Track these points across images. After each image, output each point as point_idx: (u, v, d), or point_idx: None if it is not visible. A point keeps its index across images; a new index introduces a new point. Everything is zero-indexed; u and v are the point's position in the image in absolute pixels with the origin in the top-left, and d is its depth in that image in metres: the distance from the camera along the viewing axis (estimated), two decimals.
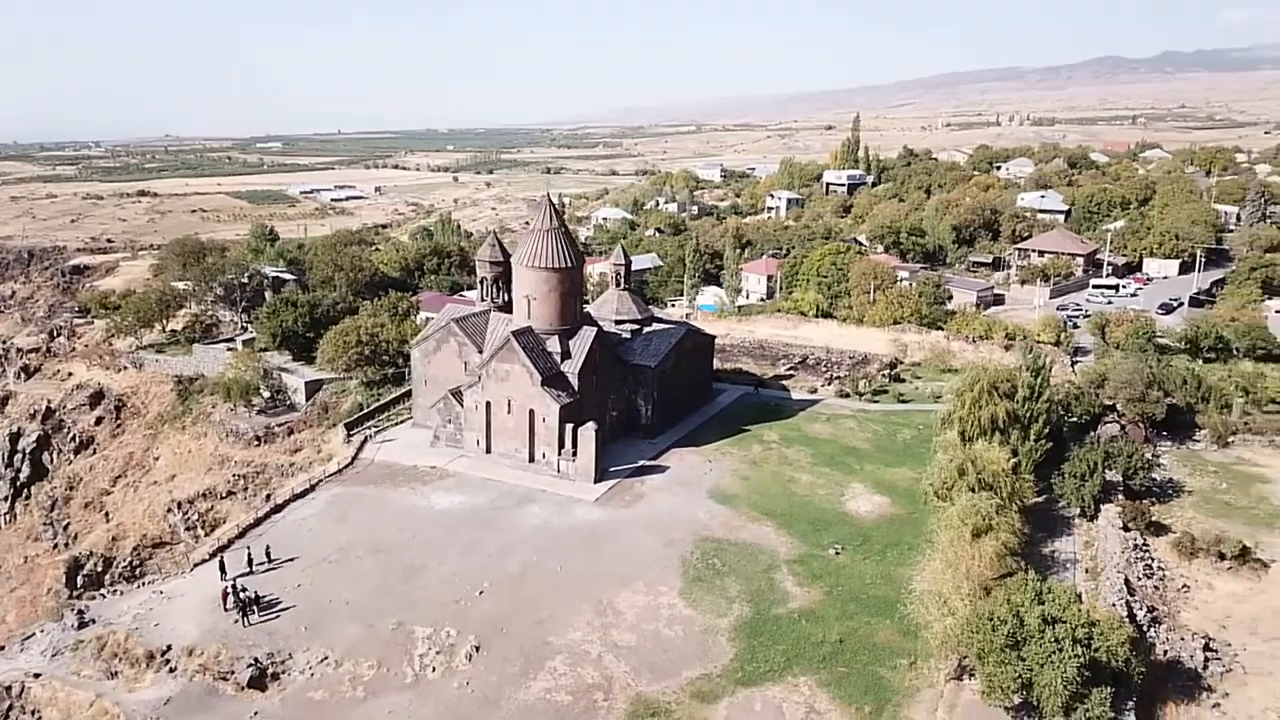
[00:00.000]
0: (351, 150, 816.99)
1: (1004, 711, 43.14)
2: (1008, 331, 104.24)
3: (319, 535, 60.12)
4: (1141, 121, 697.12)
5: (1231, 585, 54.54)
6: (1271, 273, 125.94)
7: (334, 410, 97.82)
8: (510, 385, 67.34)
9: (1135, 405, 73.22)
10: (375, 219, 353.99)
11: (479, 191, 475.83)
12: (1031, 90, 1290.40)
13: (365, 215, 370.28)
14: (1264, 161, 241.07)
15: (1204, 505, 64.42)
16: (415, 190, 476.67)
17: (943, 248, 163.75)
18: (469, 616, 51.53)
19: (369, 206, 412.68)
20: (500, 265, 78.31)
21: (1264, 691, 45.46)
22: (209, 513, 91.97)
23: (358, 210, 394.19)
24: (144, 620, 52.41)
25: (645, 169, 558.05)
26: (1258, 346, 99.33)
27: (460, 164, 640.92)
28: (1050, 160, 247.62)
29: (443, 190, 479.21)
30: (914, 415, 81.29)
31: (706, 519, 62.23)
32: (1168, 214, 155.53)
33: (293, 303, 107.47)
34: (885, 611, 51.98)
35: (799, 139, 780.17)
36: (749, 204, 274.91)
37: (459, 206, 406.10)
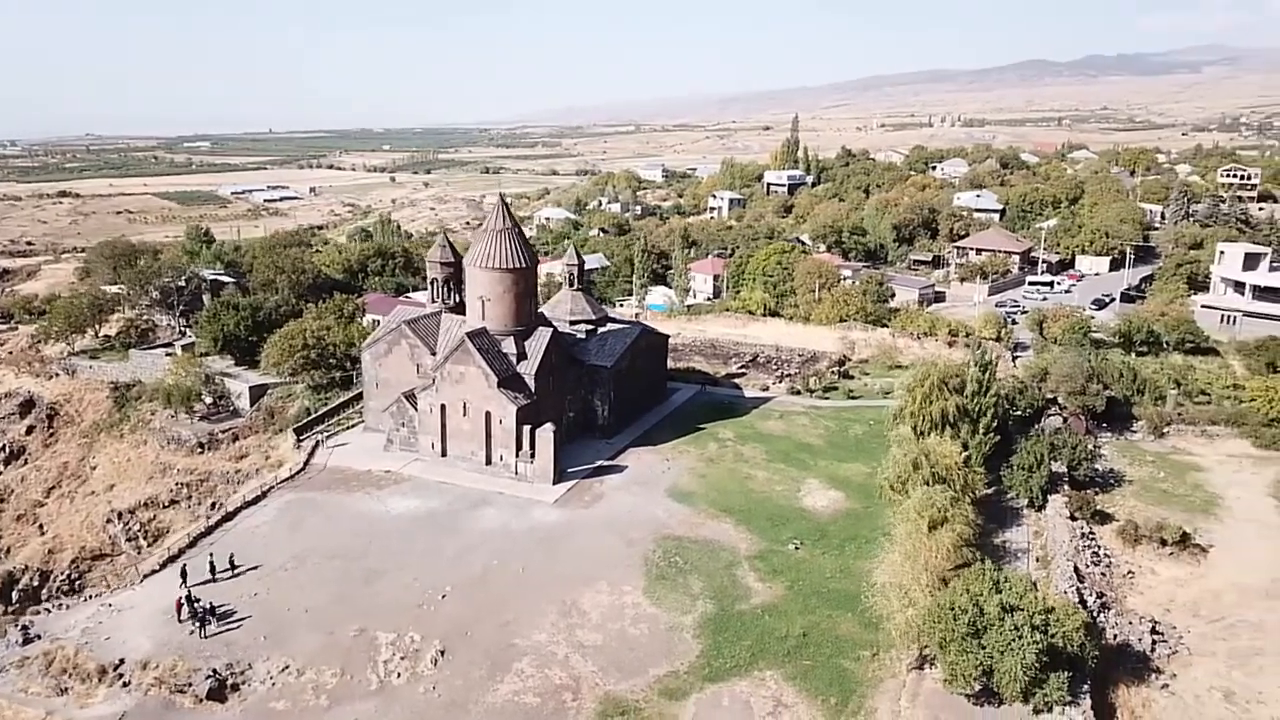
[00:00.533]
0: (284, 150, 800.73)
1: (964, 699, 44.22)
2: (951, 328, 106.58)
3: (273, 543, 58.92)
4: (1067, 123, 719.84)
5: (1173, 570, 56.75)
6: (1195, 269, 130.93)
7: (280, 415, 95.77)
8: (466, 387, 66.81)
9: (1076, 398, 75.63)
10: (311, 220, 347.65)
11: (417, 192, 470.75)
12: (962, 92, 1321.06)
13: (300, 216, 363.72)
14: (1184, 162, 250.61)
15: (1144, 494, 66.86)
16: (351, 191, 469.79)
17: (883, 246, 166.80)
18: (432, 621, 51.05)
19: (304, 207, 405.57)
20: (451, 266, 77.60)
21: (1208, 671, 47.43)
22: (151, 523, 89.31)
23: (292, 211, 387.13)
24: (93, 634, 50.81)
25: (586, 169, 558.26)
26: (1186, 340, 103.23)
27: (397, 164, 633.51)
28: (983, 160, 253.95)
29: (380, 190, 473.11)
30: (864, 411, 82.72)
31: (666, 517, 62.57)
32: (1097, 213, 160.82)
33: (234, 306, 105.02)
34: (846, 604, 52.87)
35: (737, 139, 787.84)
36: (691, 204, 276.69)
37: (397, 207, 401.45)
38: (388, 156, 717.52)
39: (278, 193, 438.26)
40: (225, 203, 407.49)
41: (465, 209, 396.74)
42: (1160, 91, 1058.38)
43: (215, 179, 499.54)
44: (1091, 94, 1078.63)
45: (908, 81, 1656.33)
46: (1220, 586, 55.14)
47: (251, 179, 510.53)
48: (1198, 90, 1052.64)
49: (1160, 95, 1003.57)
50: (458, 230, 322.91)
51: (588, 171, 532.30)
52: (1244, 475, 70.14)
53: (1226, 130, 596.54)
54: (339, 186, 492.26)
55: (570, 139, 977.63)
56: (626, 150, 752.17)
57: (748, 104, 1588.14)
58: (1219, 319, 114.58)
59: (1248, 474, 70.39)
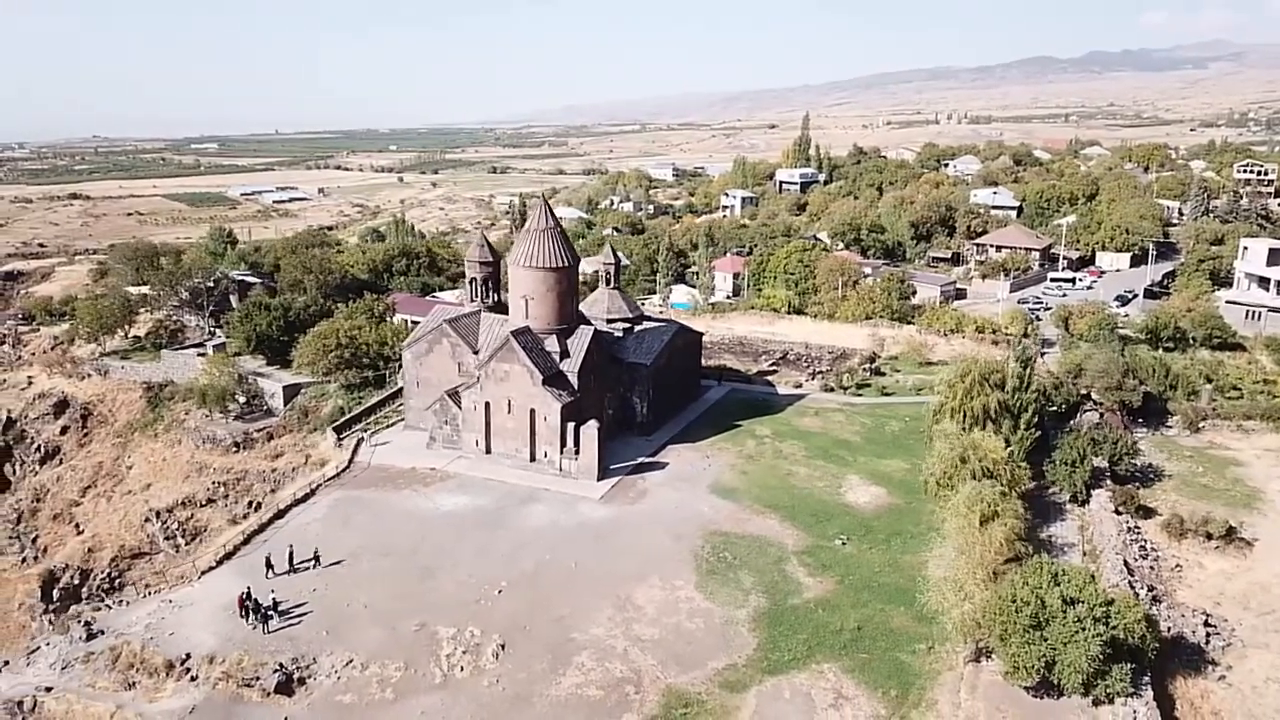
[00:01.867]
0: (291, 151, 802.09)
1: (1024, 691, 44.74)
2: (977, 325, 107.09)
3: (326, 540, 59.49)
4: (1074, 120, 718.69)
5: (1220, 564, 57.21)
6: (1217, 265, 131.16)
7: (314, 414, 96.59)
8: (510, 385, 67.45)
9: (1112, 394, 76.07)
10: (320, 220, 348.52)
11: (425, 192, 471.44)
12: (965, 90, 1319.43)
13: (310, 217, 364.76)
14: (1197, 158, 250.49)
15: (1184, 488, 67.32)
16: (359, 191, 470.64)
17: (901, 244, 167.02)
18: (490, 616, 51.69)
19: (313, 208, 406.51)
20: (490, 266, 78.33)
21: (1263, 663, 47.91)
22: (189, 521, 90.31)
23: (301, 212, 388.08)
24: (157, 630, 51.54)
25: (593, 168, 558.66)
26: (1213, 336, 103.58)
27: (404, 164, 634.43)
28: (996, 158, 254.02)
29: (388, 191, 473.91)
30: (898, 408, 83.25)
31: (711, 513, 63.16)
32: (1114, 209, 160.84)
33: (266, 306, 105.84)
34: (898, 599, 53.42)
35: (743, 137, 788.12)
36: (704, 203, 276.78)
37: (406, 207, 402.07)
38: (395, 157, 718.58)
39: (286, 194, 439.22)
40: (235, 204, 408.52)
41: (475, 209, 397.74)
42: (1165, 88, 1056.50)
43: (224, 180, 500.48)
44: (1096, 90, 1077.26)
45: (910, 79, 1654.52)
46: (1268, 579, 55.62)
47: (260, 180, 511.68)
48: (1203, 86, 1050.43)
49: (1165, 91, 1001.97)
50: (469, 230, 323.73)
51: (595, 171, 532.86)
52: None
53: (1235, 126, 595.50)
54: (347, 187, 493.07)
55: (576, 138, 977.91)
56: (633, 149, 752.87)
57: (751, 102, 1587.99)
58: (1244, 314, 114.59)
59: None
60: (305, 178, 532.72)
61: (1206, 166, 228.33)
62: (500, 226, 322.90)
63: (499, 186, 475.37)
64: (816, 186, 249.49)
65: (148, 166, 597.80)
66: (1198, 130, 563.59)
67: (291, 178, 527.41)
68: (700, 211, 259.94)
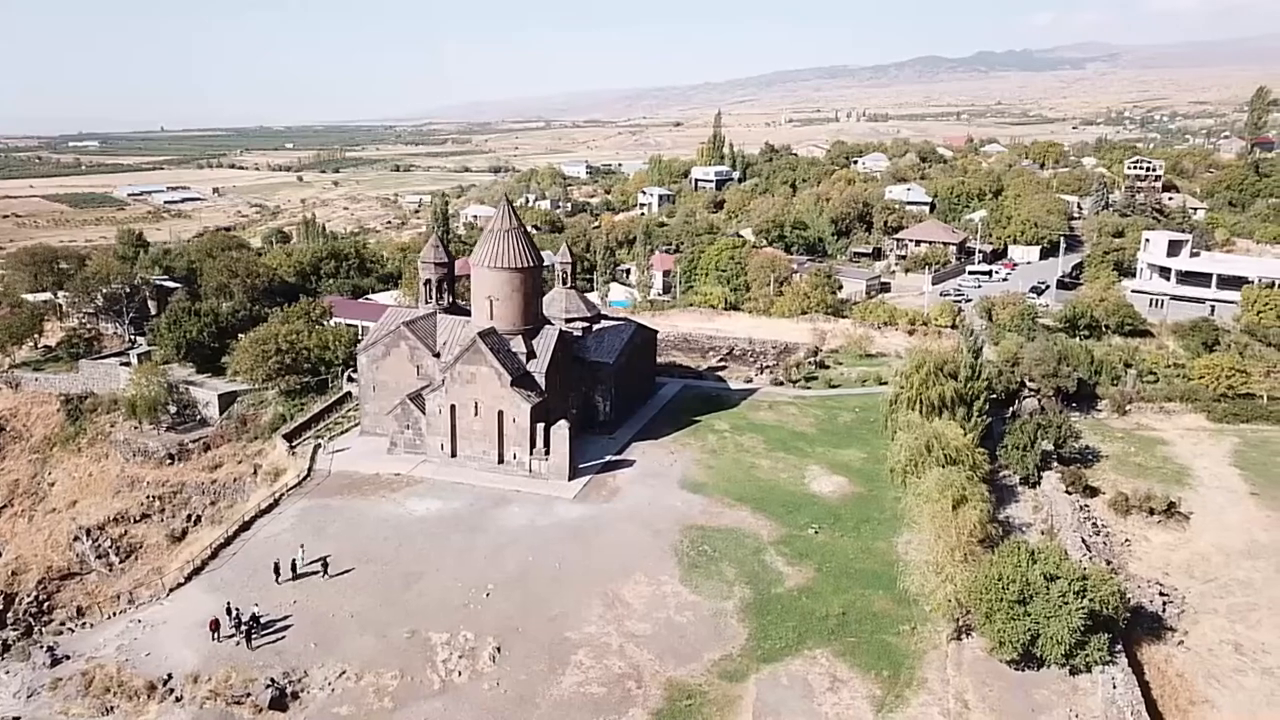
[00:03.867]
0: (179, 149, 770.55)
1: (1006, 665, 47.11)
2: (910, 318, 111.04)
3: (299, 550, 58.06)
4: (965, 117, 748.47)
5: (1164, 537, 61.23)
6: (1120, 256, 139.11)
7: (253, 423, 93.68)
8: (477, 387, 66.98)
9: (1049, 380, 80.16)
10: (217, 221, 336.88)
11: (327, 191, 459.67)
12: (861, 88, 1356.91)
13: (205, 218, 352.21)
14: (1087, 155, 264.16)
15: (1121, 468, 71.59)
16: (257, 191, 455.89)
17: (822, 240, 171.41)
18: (481, 619, 51.49)
19: (208, 208, 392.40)
20: (445, 267, 77.43)
21: (1214, 628, 51.68)
22: (122, 538, 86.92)
23: (196, 213, 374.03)
24: (131, 650, 49.58)
25: (500, 165, 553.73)
26: (1125, 324, 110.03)
27: (303, 163, 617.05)
28: (903, 155, 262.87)
29: (287, 190, 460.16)
30: (847, 399, 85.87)
31: (685, 508, 64.10)
32: (1021, 204, 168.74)
33: (195, 312, 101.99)
34: (876, 583, 55.38)
35: (649, 135, 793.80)
36: (620, 200, 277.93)
37: (308, 207, 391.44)
38: (292, 155, 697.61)
39: (179, 194, 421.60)
40: (122, 205, 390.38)
41: (381, 208, 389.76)
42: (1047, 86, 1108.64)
43: (108, 180, 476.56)
44: (984, 89, 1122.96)
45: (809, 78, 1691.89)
46: (1206, 550, 59.83)
47: (148, 179, 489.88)
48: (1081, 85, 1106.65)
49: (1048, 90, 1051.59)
50: (379, 230, 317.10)
51: (502, 169, 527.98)
52: (1204, 447, 75.74)
53: (1112, 124, 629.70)
54: (243, 187, 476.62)
55: (480, 135, 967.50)
56: (539, 147, 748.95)
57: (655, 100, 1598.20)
58: (1148, 302, 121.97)
59: (1207, 445, 76.04)
60: (197, 177, 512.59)
61: (1098, 163, 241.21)
62: (411, 226, 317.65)
63: (403, 185, 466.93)
64: (731, 184, 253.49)
65: (22, 166, 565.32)
66: (1079, 128, 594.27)
67: (183, 177, 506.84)
68: (618, 209, 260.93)
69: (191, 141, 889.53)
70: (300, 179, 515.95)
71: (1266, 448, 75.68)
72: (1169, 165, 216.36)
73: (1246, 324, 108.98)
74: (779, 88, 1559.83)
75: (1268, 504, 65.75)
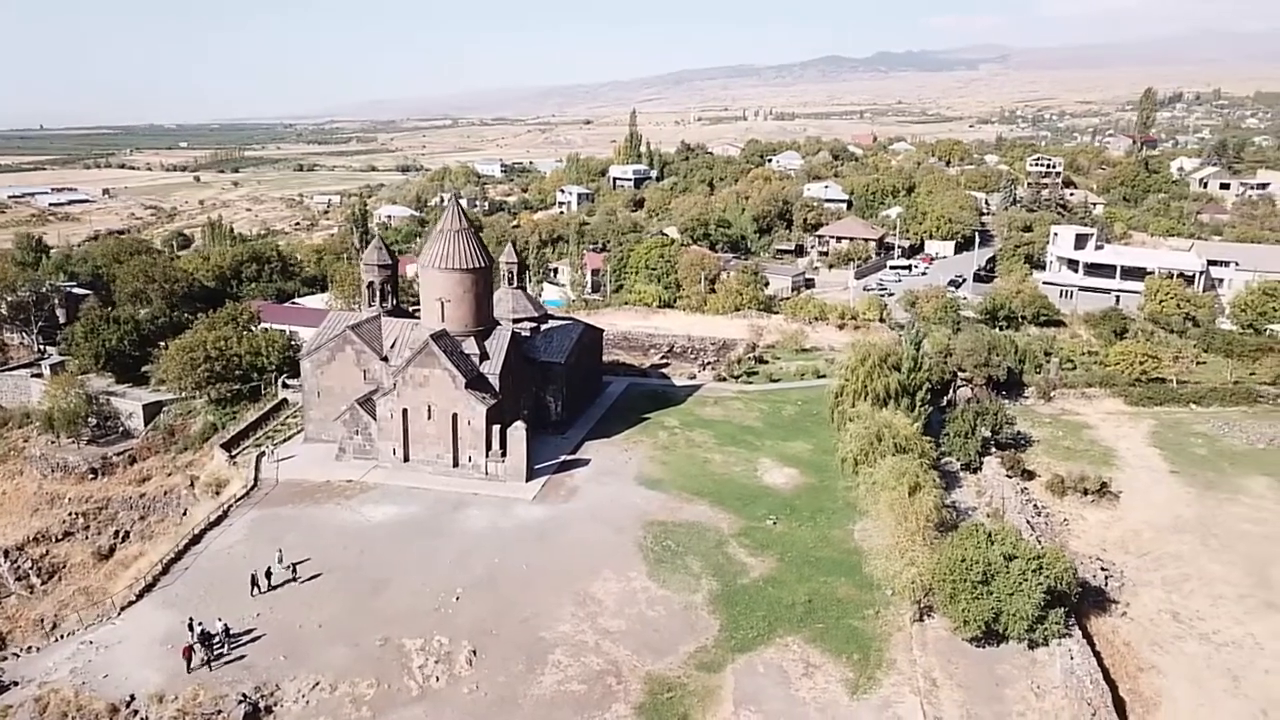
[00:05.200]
0: (62, 148, 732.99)
1: (968, 643, 49.22)
2: (840, 312, 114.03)
3: (255, 562, 56.32)
4: (868, 116, 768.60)
5: (1098, 515, 64.69)
6: (1030, 249, 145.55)
7: (182, 433, 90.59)
8: (430, 390, 66.21)
9: (981, 370, 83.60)
10: (109, 224, 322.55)
11: (226, 192, 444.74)
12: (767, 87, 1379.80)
13: (96, 220, 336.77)
14: (991, 153, 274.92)
15: (1052, 451, 75.23)
16: (151, 191, 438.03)
17: (745, 237, 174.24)
18: (454, 623, 51.09)
19: (98, 211, 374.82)
20: (388, 269, 76.20)
21: (1153, 599, 54.94)
22: (44, 559, 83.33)
23: (85, 215, 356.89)
24: (86, 673, 47.45)
25: (408, 164, 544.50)
26: (1040, 314, 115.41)
27: (199, 162, 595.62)
28: (816, 153, 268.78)
29: (184, 191, 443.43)
30: (789, 393, 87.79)
31: (644, 504, 64.70)
32: (934, 200, 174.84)
33: (114, 319, 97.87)
34: (837, 570, 57.02)
35: (559, 133, 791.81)
36: (538, 199, 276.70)
37: (207, 208, 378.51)
38: (187, 154, 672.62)
39: (64, 195, 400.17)
40: (3, 207, 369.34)
41: (287, 209, 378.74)
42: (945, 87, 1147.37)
43: None
44: (885, 89, 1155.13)
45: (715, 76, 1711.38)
46: (1137, 526, 63.46)
47: (29, 180, 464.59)
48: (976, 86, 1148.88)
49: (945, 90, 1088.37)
50: (288, 232, 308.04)
51: (411, 167, 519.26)
52: (1124, 429, 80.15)
53: (1006, 123, 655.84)
54: (136, 187, 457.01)
55: (385, 134, 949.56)
56: (447, 145, 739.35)
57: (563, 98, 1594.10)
58: (1058, 293, 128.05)
59: (1127, 428, 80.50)
60: (84, 177, 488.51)
61: (1000, 160, 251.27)
62: (322, 227, 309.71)
63: (308, 185, 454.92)
64: (650, 182, 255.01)
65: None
66: (975, 126, 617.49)
67: (68, 178, 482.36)
68: (536, 208, 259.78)
69: (75, 140, 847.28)
70: (197, 179, 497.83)
71: (1180, 429, 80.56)
72: (1066, 163, 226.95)
73: (1150, 313, 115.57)
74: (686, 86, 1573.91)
75: (1187, 481, 70.09)
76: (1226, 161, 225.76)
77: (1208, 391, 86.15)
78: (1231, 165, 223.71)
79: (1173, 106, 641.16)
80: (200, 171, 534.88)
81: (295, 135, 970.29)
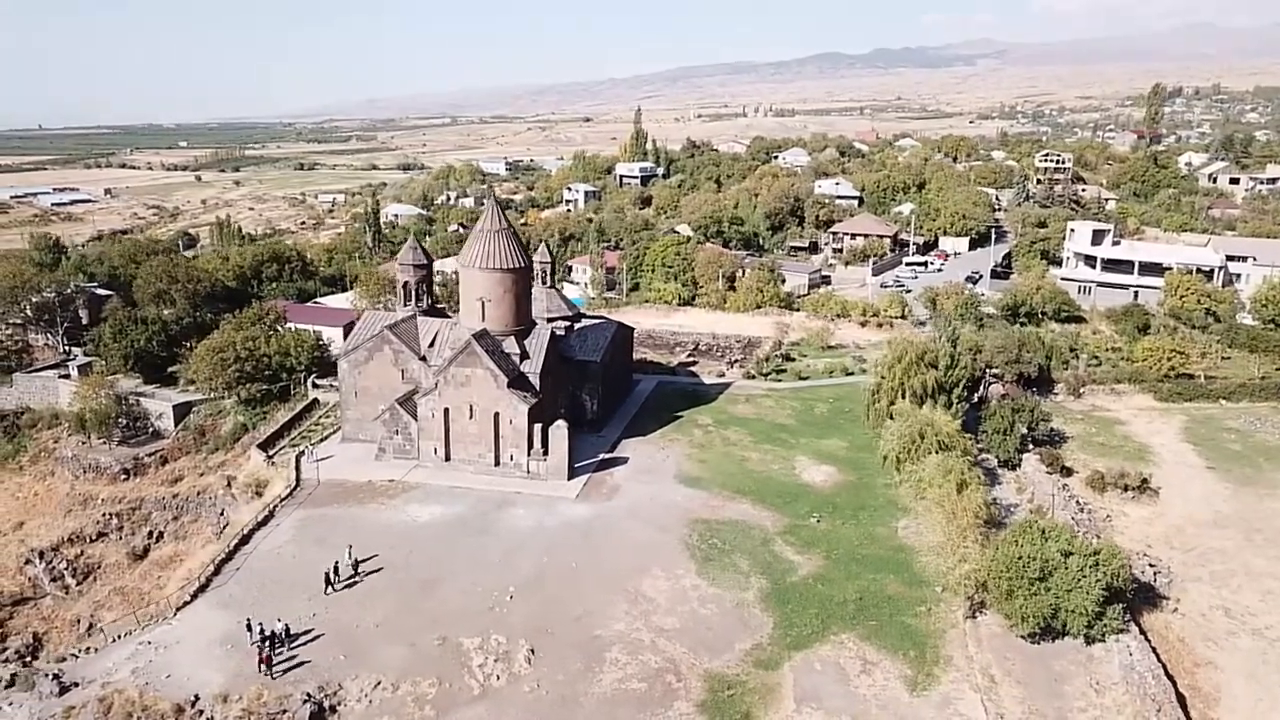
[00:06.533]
0: (62, 148, 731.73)
1: (1022, 639, 49.46)
2: (860, 310, 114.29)
3: (305, 562, 56.68)
4: (868, 112, 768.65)
5: (1140, 511, 64.96)
6: (1046, 245, 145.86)
7: (213, 433, 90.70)
8: (472, 390, 66.36)
9: (1012, 367, 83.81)
10: (112, 224, 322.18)
11: (228, 191, 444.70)
12: (765, 84, 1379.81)
13: (99, 221, 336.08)
14: (997, 149, 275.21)
15: (1087, 447, 75.52)
16: (153, 191, 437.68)
17: (758, 235, 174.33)
18: (509, 622, 51.28)
19: (101, 211, 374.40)
20: (423, 269, 76.39)
21: (1202, 594, 55.22)
22: (79, 559, 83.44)
23: (87, 215, 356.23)
24: (148, 673, 47.64)
25: (409, 163, 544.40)
26: (1061, 310, 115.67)
27: (200, 162, 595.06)
28: (822, 150, 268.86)
29: (186, 190, 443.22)
30: (819, 390, 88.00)
31: (686, 503, 64.91)
32: (946, 197, 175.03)
33: (143, 320, 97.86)
34: (885, 567, 57.22)
35: (559, 131, 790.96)
36: (544, 197, 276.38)
37: (210, 208, 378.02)
38: (187, 154, 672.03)
39: (67, 195, 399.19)
40: (5, 207, 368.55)
41: (291, 208, 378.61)
42: (943, 83, 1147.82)
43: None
44: (883, 85, 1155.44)
45: (714, 74, 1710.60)
46: (1179, 522, 63.76)
47: (30, 180, 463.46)
48: (974, 82, 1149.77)
49: (944, 86, 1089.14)
50: (294, 231, 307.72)
51: (412, 166, 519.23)
52: (1157, 425, 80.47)
53: (1006, 118, 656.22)
54: (137, 187, 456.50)
55: (385, 132, 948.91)
56: (447, 143, 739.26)
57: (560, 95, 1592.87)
58: (1076, 289, 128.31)
59: (1159, 424, 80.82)
60: (86, 177, 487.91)
61: (1007, 156, 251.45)
62: (328, 226, 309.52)
63: (309, 184, 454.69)
64: (656, 180, 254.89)
65: None
66: (976, 122, 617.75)
67: (69, 178, 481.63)
68: (542, 206, 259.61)
69: (75, 140, 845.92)
70: (199, 179, 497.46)
71: (1211, 424, 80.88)
72: (1074, 158, 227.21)
73: (1171, 308, 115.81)
74: (684, 84, 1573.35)
75: (1223, 477, 70.42)
76: (1235, 156, 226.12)
77: (1237, 387, 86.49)
78: (1239, 160, 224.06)
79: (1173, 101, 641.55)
80: (201, 171, 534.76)
81: (295, 134, 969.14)
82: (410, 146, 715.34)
